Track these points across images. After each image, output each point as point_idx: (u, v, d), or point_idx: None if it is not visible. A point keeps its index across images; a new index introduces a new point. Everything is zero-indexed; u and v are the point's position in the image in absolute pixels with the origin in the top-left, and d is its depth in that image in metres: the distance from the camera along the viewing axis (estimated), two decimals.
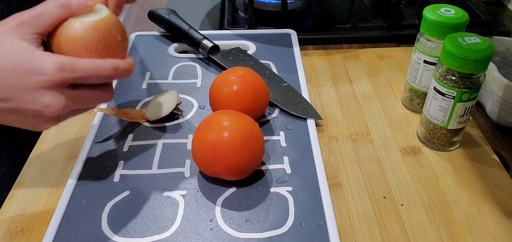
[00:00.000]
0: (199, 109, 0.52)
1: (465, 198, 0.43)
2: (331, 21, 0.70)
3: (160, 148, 0.47)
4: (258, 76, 0.48)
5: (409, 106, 0.54)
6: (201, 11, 0.75)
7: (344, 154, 0.48)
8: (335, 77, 0.59)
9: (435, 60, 0.49)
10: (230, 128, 0.40)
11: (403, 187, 0.44)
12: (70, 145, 0.49)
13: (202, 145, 0.40)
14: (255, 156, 0.41)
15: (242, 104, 0.46)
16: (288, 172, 0.44)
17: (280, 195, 0.41)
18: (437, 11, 0.47)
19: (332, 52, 0.65)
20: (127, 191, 0.42)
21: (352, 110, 0.54)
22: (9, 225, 0.40)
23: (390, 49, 0.66)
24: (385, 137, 0.50)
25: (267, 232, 0.38)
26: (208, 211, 0.40)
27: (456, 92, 0.43)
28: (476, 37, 0.43)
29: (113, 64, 0.37)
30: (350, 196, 0.43)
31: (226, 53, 0.60)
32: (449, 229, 0.40)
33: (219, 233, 0.38)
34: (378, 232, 0.40)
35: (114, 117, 0.50)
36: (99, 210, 0.40)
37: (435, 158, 0.47)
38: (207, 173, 0.42)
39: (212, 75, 0.58)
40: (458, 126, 0.46)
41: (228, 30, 0.67)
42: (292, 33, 0.66)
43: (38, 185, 0.44)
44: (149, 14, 0.67)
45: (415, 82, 0.51)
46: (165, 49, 0.63)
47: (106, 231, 0.38)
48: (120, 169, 0.44)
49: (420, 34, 0.49)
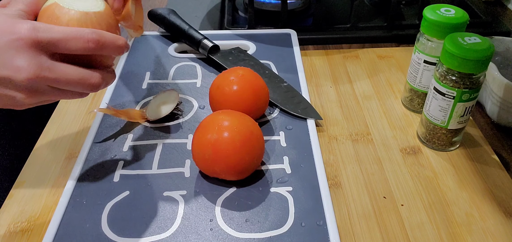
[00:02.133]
0: (199, 109, 0.52)
1: (465, 198, 0.43)
2: (331, 21, 0.70)
3: (160, 148, 0.47)
4: (258, 76, 0.48)
5: (409, 106, 0.54)
6: (201, 11, 0.75)
7: (344, 154, 0.48)
8: (335, 77, 0.59)
9: (435, 60, 0.49)
10: (230, 128, 0.40)
11: (403, 187, 0.44)
12: (70, 145, 0.49)
13: (202, 145, 0.40)
14: (255, 156, 0.41)
15: (242, 104, 0.46)
16: (288, 172, 0.44)
17: (280, 195, 0.41)
18: (437, 11, 0.47)
19: (332, 52, 0.65)
20: (127, 191, 0.42)
21: (352, 110, 0.54)
22: (9, 225, 0.40)
23: (390, 49, 0.66)
24: (385, 137, 0.50)
25: (267, 232, 0.38)
26: (208, 211, 0.40)
27: (456, 92, 0.43)
28: (476, 37, 0.43)
29: (95, 32, 0.33)
30: (350, 196, 0.43)
31: (226, 53, 0.60)
32: (449, 229, 0.40)
33: (219, 233, 0.38)
34: (378, 232, 0.40)
35: (114, 117, 0.50)
36: (99, 210, 0.40)
37: (435, 158, 0.47)
38: (207, 173, 0.42)
39: (212, 75, 0.58)
40: (458, 126, 0.46)
41: (228, 30, 0.67)
42: (292, 33, 0.66)
43: (38, 185, 0.44)
44: (149, 14, 0.67)
45: (415, 82, 0.51)
46: (165, 49, 0.63)
47: (106, 231, 0.38)
48: (120, 169, 0.44)
49: (420, 34, 0.49)
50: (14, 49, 0.31)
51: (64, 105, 0.54)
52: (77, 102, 0.55)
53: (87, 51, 0.34)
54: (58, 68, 0.33)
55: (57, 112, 0.53)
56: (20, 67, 0.31)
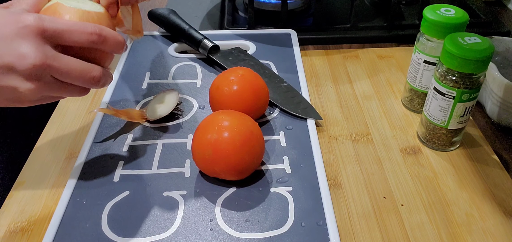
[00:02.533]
0: (199, 109, 0.52)
1: (465, 198, 0.43)
2: (331, 21, 0.70)
3: (160, 148, 0.47)
4: (258, 76, 0.48)
5: (409, 106, 0.54)
6: (201, 11, 0.75)
7: (344, 154, 0.48)
8: (335, 77, 0.59)
9: (435, 60, 0.49)
10: (230, 128, 0.40)
11: (403, 187, 0.44)
12: (70, 145, 0.49)
13: (202, 145, 0.40)
14: (255, 156, 0.41)
15: (242, 104, 0.46)
16: (288, 172, 0.44)
17: (280, 195, 0.41)
18: (437, 11, 0.47)
19: (332, 52, 0.65)
20: (127, 191, 0.42)
21: (352, 110, 0.54)
22: (9, 225, 0.40)
23: (390, 49, 0.66)
24: (385, 137, 0.50)
25: (267, 232, 0.38)
26: (208, 211, 0.40)
27: (456, 92, 0.43)
28: (476, 37, 0.43)
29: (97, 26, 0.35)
30: (350, 196, 0.43)
31: (226, 53, 0.60)
32: (449, 229, 0.40)
33: (219, 233, 0.38)
34: (378, 232, 0.40)
35: (114, 117, 0.50)
36: (99, 210, 0.40)
37: (435, 158, 0.47)
38: (207, 173, 0.42)
39: (212, 75, 0.58)
40: (458, 126, 0.46)
41: (228, 30, 0.67)
42: (292, 33, 0.66)
43: (38, 185, 0.44)
44: (149, 14, 0.67)
45: (415, 82, 0.51)
46: (165, 49, 0.63)
47: (106, 231, 0.38)
48: (120, 169, 0.44)
49: (420, 34, 0.49)
50: (20, 36, 0.32)
51: (64, 105, 0.54)
52: (77, 102, 0.55)
53: (90, 44, 0.35)
54: (62, 58, 0.34)
55: (57, 112, 0.53)
56: (26, 54, 0.32)
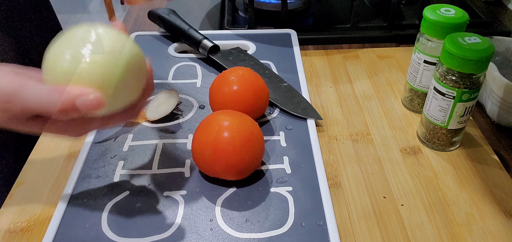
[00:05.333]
0: (199, 109, 0.52)
1: (465, 198, 0.43)
2: (331, 21, 0.70)
3: (160, 148, 0.47)
4: (258, 76, 0.48)
5: (409, 106, 0.54)
6: (201, 11, 0.75)
7: (344, 154, 0.48)
8: (335, 77, 0.59)
9: (435, 60, 0.49)
10: (230, 128, 0.40)
11: (403, 187, 0.44)
12: (70, 145, 0.49)
13: (202, 145, 0.40)
14: (255, 156, 0.41)
15: (242, 104, 0.46)
16: (288, 172, 0.44)
17: (280, 195, 0.41)
18: (437, 11, 0.47)
19: (332, 52, 0.65)
20: (127, 191, 0.42)
21: (352, 110, 0.54)
22: (9, 225, 0.40)
23: (390, 49, 0.66)
24: (385, 137, 0.50)
25: (267, 232, 0.38)
26: (208, 211, 0.40)
27: (456, 92, 0.43)
28: (476, 37, 0.43)
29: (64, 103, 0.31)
30: (350, 196, 0.43)
31: (226, 53, 0.60)
32: (449, 229, 0.40)
33: (219, 233, 0.38)
34: (378, 232, 0.40)
35: None
36: (99, 210, 0.40)
37: (435, 158, 0.47)
38: (207, 173, 0.42)
39: (212, 75, 0.58)
40: (458, 126, 0.46)
41: (228, 30, 0.67)
42: (292, 33, 0.66)
43: (38, 185, 0.44)
44: (149, 14, 0.67)
45: (415, 82, 0.51)
46: (165, 49, 0.63)
47: (106, 231, 0.38)
48: (120, 169, 0.44)
49: (420, 34, 0.49)
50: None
51: None
52: None
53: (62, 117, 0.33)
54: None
55: None
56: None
